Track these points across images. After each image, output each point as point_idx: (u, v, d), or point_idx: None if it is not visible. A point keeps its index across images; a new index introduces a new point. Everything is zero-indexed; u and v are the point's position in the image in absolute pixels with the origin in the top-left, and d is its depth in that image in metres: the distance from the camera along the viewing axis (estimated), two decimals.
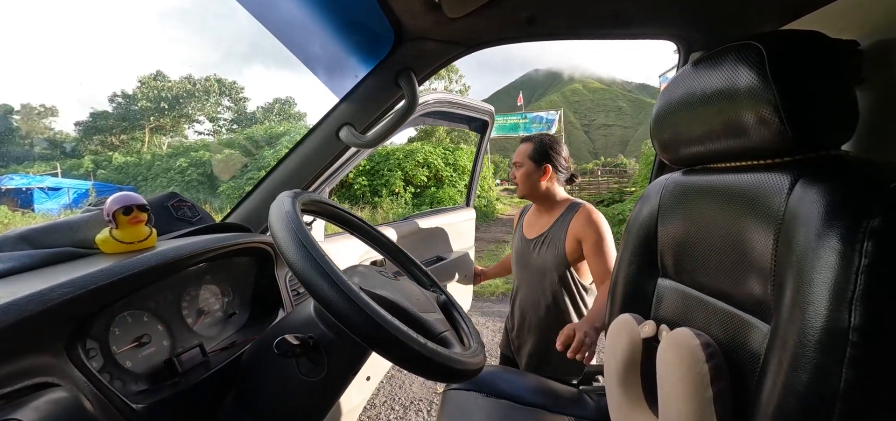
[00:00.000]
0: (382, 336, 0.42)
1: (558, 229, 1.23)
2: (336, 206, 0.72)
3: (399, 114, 0.90)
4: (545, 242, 1.25)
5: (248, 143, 14.29)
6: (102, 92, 44.46)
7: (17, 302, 0.39)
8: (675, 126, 0.68)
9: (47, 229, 0.58)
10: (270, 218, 0.49)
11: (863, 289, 0.43)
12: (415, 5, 0.74)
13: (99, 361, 0.52)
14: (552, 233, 1.24)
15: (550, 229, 1.25)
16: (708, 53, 0.62)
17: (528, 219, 1.38)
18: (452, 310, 0.71)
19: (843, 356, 0.44)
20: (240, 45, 67.98)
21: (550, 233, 1.25)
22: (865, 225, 0.43)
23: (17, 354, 0.39)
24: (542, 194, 1.28)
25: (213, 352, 0.65)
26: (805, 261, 0.47)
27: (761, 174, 0.56)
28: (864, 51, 0.71)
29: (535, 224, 1.33)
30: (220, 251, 0.67)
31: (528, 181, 1.27)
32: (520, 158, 1.29)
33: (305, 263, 0.42)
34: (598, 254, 1.16)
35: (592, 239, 1.17)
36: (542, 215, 1.31)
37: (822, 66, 0.54)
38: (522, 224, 1.39)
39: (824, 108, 0.53)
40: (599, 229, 1.17)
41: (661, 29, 0.93)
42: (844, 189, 0.46)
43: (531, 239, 1.30)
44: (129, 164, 16.47)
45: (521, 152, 1.29)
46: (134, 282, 0.52)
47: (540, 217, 1.32)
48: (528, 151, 1.28)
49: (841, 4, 0.77)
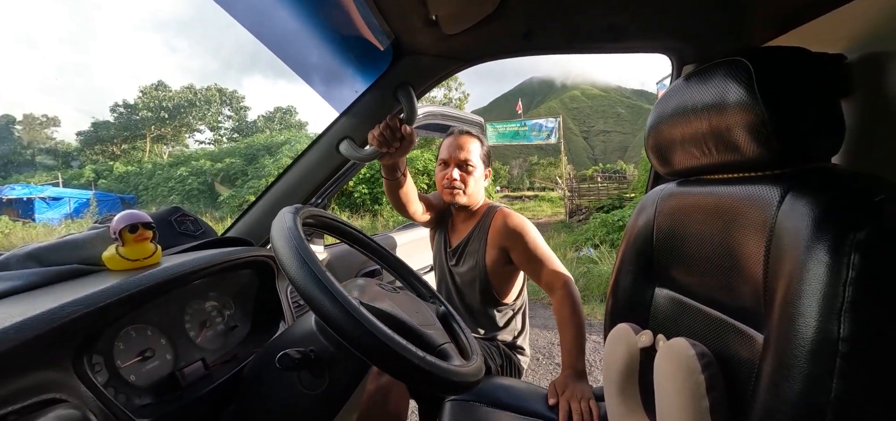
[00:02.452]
0: (382, 350, 0.43)
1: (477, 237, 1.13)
2: (336, 219, 0.73)
3: None
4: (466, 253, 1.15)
5: (242, 161, 14.29)
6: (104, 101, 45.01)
7: (29, 320, 0.40)
8: (669, 139, 0.70)
9: (54, 247, 0.59)
10: (273, 234, 0.51)
11: (851, 300, 0.44)
12: (413, 23, 0.76)
13: (104, 375, 0.53)
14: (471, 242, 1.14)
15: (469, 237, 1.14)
16: (699, 68, 0.64)
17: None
18: (452, 321, 0.72)
19: (833, 367, 0.45)
20: (240, 55, 68.77)
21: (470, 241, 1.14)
22: (852, 237, 0.44)
23: (27, 371, 0.40)
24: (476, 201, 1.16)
25: (215, 365, 0.66)
26: (795, 272, 0.48)
27: (752, 186, 0.58)
28: (851, 63, 0.73)
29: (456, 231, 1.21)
30: (222, 266, 0.68)
31: (478, 188, 1.14)
32: (469, 157, 1.11)
33: (307, 280, 0.43)
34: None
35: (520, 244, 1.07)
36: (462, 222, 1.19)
37: (807, 81, 0.55)
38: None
39: (811, 122, 0.54)
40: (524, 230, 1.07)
41: (655, 43, 0.95)
42: (832, 202, 0.48)
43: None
44: (129, 173, 16.54)
45: (472, 151, 1.12)
46: (140, 298, 0.53)
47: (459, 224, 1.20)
48: (479, 151, 1.14)
49: (829, 18, 0.79)
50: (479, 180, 1.13)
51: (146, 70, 61.18)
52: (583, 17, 0.84)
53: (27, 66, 62.94)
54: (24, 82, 59.63)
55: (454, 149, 1.12)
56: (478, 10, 0.75)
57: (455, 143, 1.12)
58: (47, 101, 53.73)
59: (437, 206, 1.25)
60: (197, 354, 0.65)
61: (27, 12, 74.82)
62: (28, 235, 9.66)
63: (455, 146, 1.12)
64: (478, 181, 1.13)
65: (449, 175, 1.11)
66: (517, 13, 0.78)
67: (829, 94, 0.57)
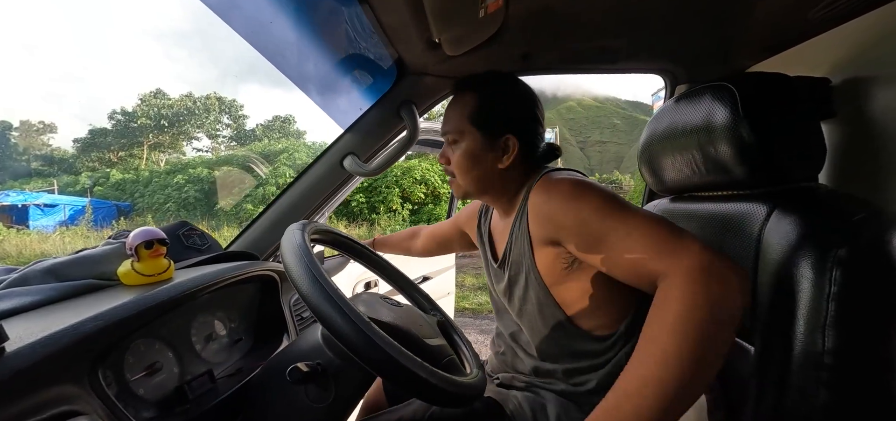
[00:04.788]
0: (394, 368, 0.44)
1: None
2: (340, 234, 0.75)
3: (401, 144, 0.94)
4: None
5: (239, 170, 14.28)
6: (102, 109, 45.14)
7: (52, 336, 0.42)
8: (661, 158, 0.73)
9: (72, 262, 0.61)
10: (283, 252, 0.52)
11: (833, 315, 0.46)
12: (416, 45, 0.79)
13: (114, 388, 0.54)
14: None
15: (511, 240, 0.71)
16: (688, 91, 0.67)
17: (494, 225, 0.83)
18: (451, 332, 0.74)
19: (820, 378, 0.47)
20: (239, 65, 69.28)
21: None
22: (833, 255, 0.47)
23: (49, 384, 0.41)
24: (500, 186, 0.72)
25: (220, 378, 0.67)
26: (781, 287, 0.51)
27: (740, 203, 0.61)
28: (834, 87, 0.76)
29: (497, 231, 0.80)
30: (232, 280, 0.70)
31: (477, 165, 0.71)
32: (448, 126, 0.72)
33: (319, 298, 0.45)
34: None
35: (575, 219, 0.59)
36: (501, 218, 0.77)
37: (788, 105, 0.59)
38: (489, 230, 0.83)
39: (792, 144, 0.58)
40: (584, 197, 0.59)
41: (649, 64, 0.99)
42: (814, 221, 0.50)
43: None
44: (126, 180, 16.46)
45: (454, 116, 0.72)
46: (155, 313, 0.54)
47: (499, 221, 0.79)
48: (469, 110, 0.70)
49: (813, 43, 0.83)
50: (477, 154, 0.70)
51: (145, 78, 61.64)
52: (580, 41, 0.87)
53: (25, 73, 63.17)
54: (22, 88, 59.84)
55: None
56: (479, 34, 0.78)
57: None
58: (45, 108, 53.87)
59: (469, 215, 0.93)
60: (203, 366, 0.66)
61: (25, 18, 75.15)
62: (21, 242, 9.56)
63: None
64: (472, 156, 0.70)
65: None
66: (516, 36, 0.81)
67: (809, 117, 0.61)
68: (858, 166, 0.71)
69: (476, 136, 0.70)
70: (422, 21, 0.69)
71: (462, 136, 0.71)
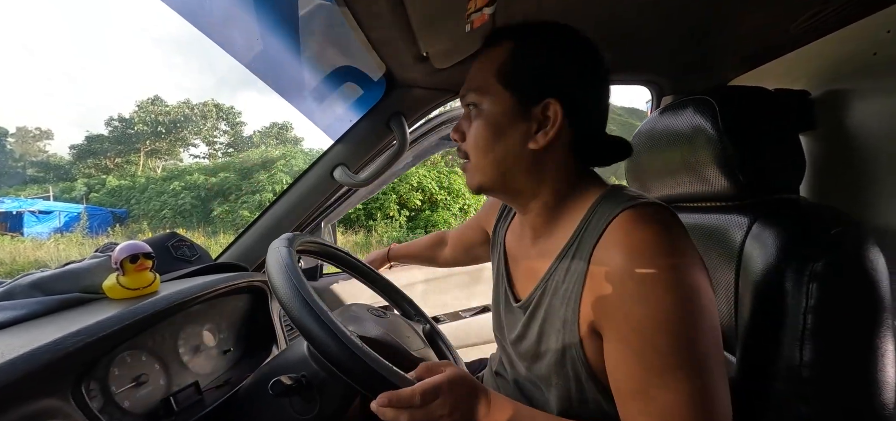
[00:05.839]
0: (375, 379, 0.45)
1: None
2: (326, 245, 0.75)
3: (391, 155, 0.95)
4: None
5: (236, 177, 14.22)
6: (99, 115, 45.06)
7: (34, 351, 0.42)
8: (647, 169, 0.74)
9: (57, 277, 0.61)
10: (269, 268, 0.53)
11: (812, 327, 0.47)
12: (405, 58, 0.80)
13: (99, 401, 0.54)
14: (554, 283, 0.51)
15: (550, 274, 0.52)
16: (672, 104, 0.68)
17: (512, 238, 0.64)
18: (437, 339, 0.75)
19: (799, 391, 0.48)
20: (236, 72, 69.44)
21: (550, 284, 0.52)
22: (809, 268, 0.48)
23: (30, 399, 0.42)
24: (530, 177, 0.53)
25: (207, 390, 0.67)
26: (761, 299, 0.52)
27: (722, 215, 0.62)
28: (814, 99, 0.78)
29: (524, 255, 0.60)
30: (218, 292, 0.70)
31: (498, 139, 0.51)
32: (471, 84, 0.53)
33: (304, 315, 0.46)
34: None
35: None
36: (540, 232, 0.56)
37: (767, 118, 0.60)
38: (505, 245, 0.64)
39: (771, 157, 0.59)
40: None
41: (636, 76, 1.01)
42: (793, 234, 0.51)
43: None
44: (122, 187, 16.39)
45: (479, 73, 0.53)
46: (139, 327, 0.55)
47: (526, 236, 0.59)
48: (498, 63, 0.50)
49: (794, 56, 0.85)
50: (501, 124, 0.50)
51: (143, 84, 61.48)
52: None
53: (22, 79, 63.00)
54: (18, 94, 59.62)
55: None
56: (467, 46, 0.79)
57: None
58: (41, 114, 53.77)
59: (490, 208, 0.76)
60: (189, 378, 0.66)
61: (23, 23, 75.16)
62: (15, 249, 9.49)
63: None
64: (494, 125, 0.51)
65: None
66: None
67: (788, 130, 0.62)
68: (837, 177, 0.72)
69: (504, 97, 0.49)
70: (409, 36, 0.70)
71: (484, 98, 0.50)
